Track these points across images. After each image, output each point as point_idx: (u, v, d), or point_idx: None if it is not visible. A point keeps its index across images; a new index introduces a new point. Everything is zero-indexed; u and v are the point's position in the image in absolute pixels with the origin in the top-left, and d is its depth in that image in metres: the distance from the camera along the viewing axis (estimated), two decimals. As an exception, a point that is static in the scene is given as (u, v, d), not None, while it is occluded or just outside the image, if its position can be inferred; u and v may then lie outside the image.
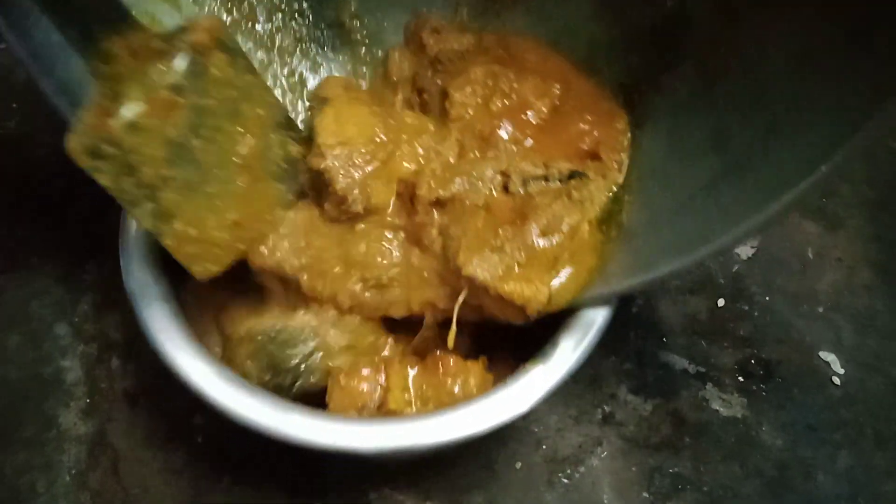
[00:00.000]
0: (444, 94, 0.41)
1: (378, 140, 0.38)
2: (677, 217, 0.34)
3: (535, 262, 0.36)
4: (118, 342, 0.46)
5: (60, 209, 0.50)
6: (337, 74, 0.46)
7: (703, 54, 0.36)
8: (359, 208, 0.37)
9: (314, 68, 0.45)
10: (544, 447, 0.44)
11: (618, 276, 0.35)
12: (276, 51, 0.44)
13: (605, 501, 0.43)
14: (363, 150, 0.37)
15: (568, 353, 0.35)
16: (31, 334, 0.46)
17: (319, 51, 0.45)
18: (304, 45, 0.45)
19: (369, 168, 0.37)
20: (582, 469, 0.43)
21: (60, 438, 0.43)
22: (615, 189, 0.38)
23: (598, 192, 0.38)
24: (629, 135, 0.40)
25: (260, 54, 0.44)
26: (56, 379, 0.45)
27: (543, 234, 0.36)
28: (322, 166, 0.37)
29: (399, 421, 0.34)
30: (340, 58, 0.46)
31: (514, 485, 0.43)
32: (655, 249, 0.34)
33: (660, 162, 0.37)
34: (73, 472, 0.43)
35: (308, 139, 0.38)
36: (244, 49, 0.42)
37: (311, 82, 0.45)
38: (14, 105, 0.54)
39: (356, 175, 0.37)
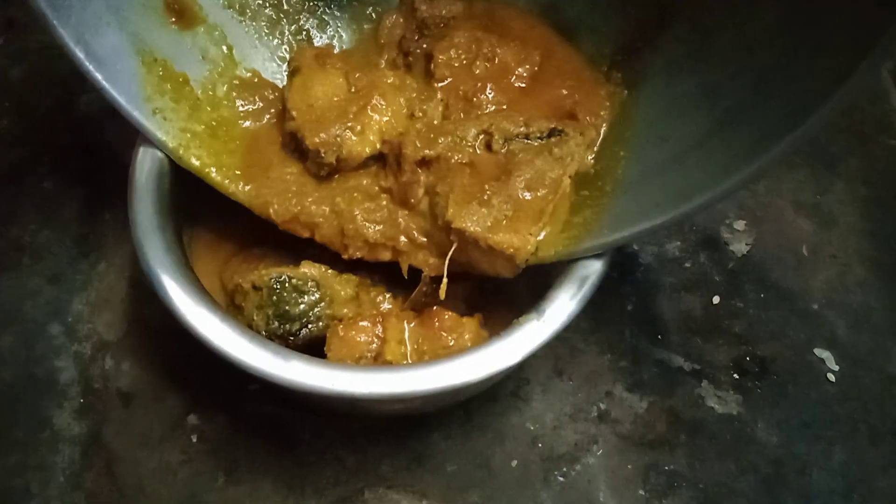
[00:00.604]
0: (429, 57, 0.43)
1: (347, 96, 0.40)
2: (671, 170, 0.35)
3: (521, 214, 0.37)
4: (111, 342, 0.46)
5: (52, 209, 0.50)
6: (343, 33, 0.47)
7: (697, 11, 0.37)
8: (331, 159, 0.39)
9: (321, 27, 0.46)
10: (540, 445, 0.44)
11: (610, 228, 0.36)
12: (284, 8, 0.45)
13: (601, 499, 0.43)
14: (330, 108, 0.40)
15: (562, 306, 0.36)
16: (24, 335, 0.46)
17: (326, 9, 0.46)
18: (311, 2, 0.45)
19: (338, 123, 0.39)
20: (578, 467, 0.43)
21: (54, 439, 0.43)
22: (597, 148, 0.40)
23: (578, 148, 0.39)
24: (609, 102, 0.41)
25: (268, 11, 0.44)
26: (50, 379, 0.45)
27: (528, 188, 0.37)
28: (293, 127, 0.39)
29: (395, 369, 0.35)
30: (346, 16, 0.47)
31: (510, 483, 0.43)
32: (649, 201, 0.35)
33: (655, 119, 0.38)
34: (68, 472, 0.42)
35: None
36: (253, 5, 0.44)
37: (318, 41, 0.46)
38: (6, 104, 0.54)
39: (325, 129, 0.39)
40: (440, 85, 0.42)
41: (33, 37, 0.57)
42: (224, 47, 0.43)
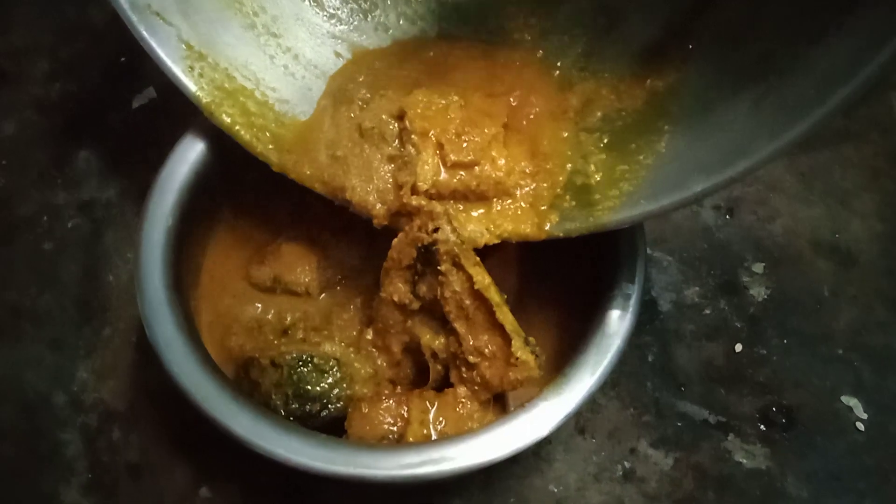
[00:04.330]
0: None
1: None
2: (717, 137, 0.34)
3: None
4: (119, 411, 0.44)
5: (51, 271, 0.49)
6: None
7: None
8: None
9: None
10: (565, 508, 0.43)
11: (649, 198, 0.35)
12: None
13: (631, 564, 0.41)
14: None
15: (586, 375, 0.36)
16: (27, 406, 0.44)
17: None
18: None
19: None
20: (605, 530, 0.42)
21: (61, 518, 0.42)
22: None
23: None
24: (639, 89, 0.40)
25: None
26: (55, 453, 0.43)
27: None
28: None
29: (416, 448, 0.34)
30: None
31: (536, 550, 0.42)
32: (691, 169, 0.34)
33: (705, 90, 0.37)
34: (77, 554, 0.41)
35: None
36: None
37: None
38: (3, 161, 0.52)
39: None
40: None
41: (26, 90, 0.55)
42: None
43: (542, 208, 0.38)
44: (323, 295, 0.44)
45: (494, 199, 0.38)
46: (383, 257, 0.40)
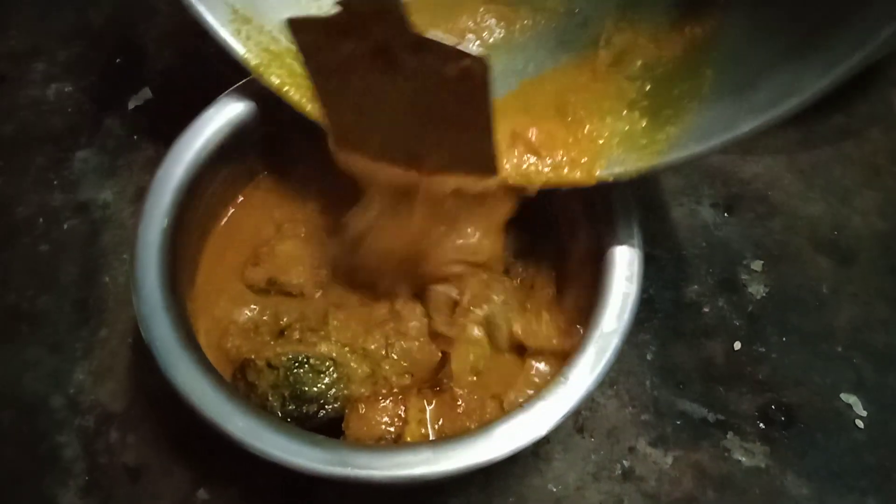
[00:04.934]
0: None
1: None
2: (761, 79, 0.34)
3: None
4: (116, 413, 0.44)
5: (49, 273, 0.48)
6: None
7: None
8: None
9: None
10: (564, 508, 0.43)
11: (697, 140, 0.36)
12: None
13: (630, 564, 0.41)
14: None
15: (585, 374, 0.36)
16: (25, 409, 0.44)
17: None
18: None
19: None
20: (604, 530, 0.42)
21: (59, 520, 0.42)
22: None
23: None
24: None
25: None
26: (53, 456, 0.43)
27: None
28: None
29: (414, 448, 0.33)
30: None
31: (535, 550, 0.41)
32: (738, 110, 0.34)
33: (744, 36, 0.37)
34: (74, 556, 0.41)
35: None
36: None
37: None
38: (0, 163, 0.52)
39: None
40: None
41: (24, 92, 0.55)
42: None
43: (585, 160, 0.38)
44: (318, 295, 0.44)
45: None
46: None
